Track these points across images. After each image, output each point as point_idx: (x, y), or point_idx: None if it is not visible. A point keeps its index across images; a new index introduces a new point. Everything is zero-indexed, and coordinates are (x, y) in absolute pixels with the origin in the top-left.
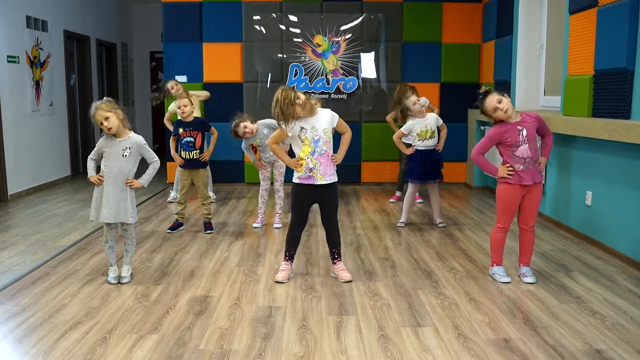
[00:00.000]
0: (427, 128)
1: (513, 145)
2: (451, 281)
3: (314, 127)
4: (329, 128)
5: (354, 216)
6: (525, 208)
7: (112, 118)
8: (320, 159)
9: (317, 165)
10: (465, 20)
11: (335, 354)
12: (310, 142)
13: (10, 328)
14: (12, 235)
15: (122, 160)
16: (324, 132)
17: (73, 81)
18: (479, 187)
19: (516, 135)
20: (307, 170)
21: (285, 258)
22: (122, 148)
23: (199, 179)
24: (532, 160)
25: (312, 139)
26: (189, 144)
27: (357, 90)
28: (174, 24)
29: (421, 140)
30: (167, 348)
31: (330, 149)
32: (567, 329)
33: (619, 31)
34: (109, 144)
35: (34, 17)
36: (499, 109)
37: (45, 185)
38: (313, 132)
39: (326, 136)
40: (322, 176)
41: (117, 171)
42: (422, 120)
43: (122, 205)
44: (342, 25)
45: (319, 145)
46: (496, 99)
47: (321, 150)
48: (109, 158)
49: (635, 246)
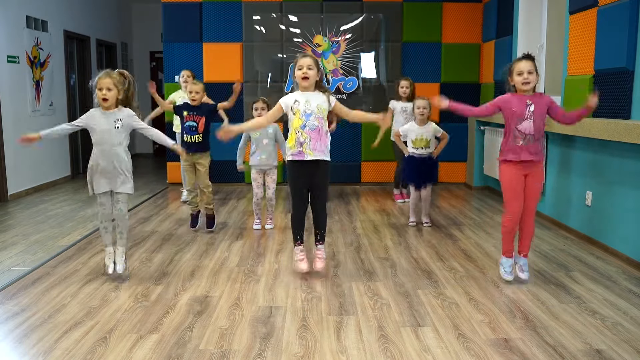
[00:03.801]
0: (422, 137)
1: (517, 117)
2: (451, 281)
3: (308, 101)
4: (324, 106)
5: (354, 216)
6: (525, 188)
7: (113, 92)
8: (310, 134)
9: (307, 140)
10: (465, 20)
11: (335, 354)
12: (302, 115)
13: (10, 328)
14: (12, 235)
15: (113, 132)
16: (317, 107)
17: (73, 81)
18: (479, 187)
19: (523, 107)
20: (297, 145)
21: (297, 243)
22: (113, 120)
23: (201, 164)
24: (533, 138)
25: (304, 111)
26: (191, 128)
27: (357, 90)
28: (174, 24)
29: (415, 147)
30: (167, 348)
31: (324, 126)
32: (567, 329)
33: (619, 31)
34: (97, 116)
35: (34, 17)
36: (523, 74)
37: (45, 185)
38: (306, 105)
39: (319, 112)
40: (311, 151)
41: (108, 146)
42: (419, 128)
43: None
44: (342, 25)
45: (310, 120)
46: (530, 68)
47: (312, 125)
48: (99, 131)
49: (635, 246)
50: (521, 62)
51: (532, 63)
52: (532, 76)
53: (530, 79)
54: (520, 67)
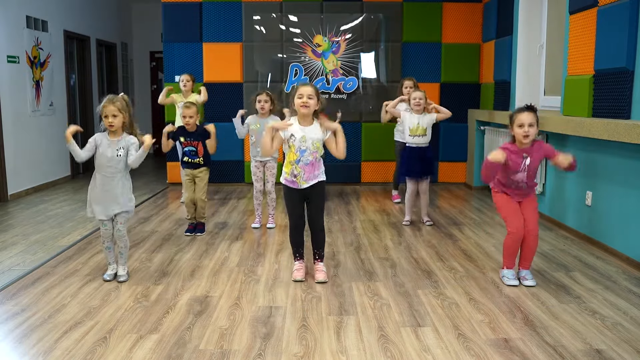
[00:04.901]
0: (419, 125)
1: (512, 170)
2: (451, 281)
3: (304, 137)
4: (319, 141)
5: (354, 216)
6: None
7: (119, 118)
8: (304, 168)
9: (301, 173)
10: (465, 20)
11: (335, 354)
12: (297, 150)
13: (10, 328)
14: (12, 235)
15: (115, 160)
16: (312, 143)
17: (73, 81)
18: (479, 187)
19: (519, 162)
20: (292, 175)
21: (296, 258)
22: (116, 149)
23: (200, 177)
24: (526, 185)
25: (298, 147)
26: (192, 152)
27: (357, 90)
28: (174, 24)
29: (412, 136)
30: (167, 348)
31: (317, 157)
32: (567, 329)
33: (619, 31)
34: (104, 141)
35: (34, 17)
36: (524, 127)
37: (45, 185)
38: (301, 142)
39: (314, 148)
40: (305, 182)
41: (109, 173)
42: (417, 117)
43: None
44: (342, 25)
45: (304, 156)
46: (531, 121)
47: (306, 160)
48: (102, 156)
49: (635, 246)
50: (523, 114)
51: (533, 115)
52: (533, 129)
53: (531, 132)
54: (522, 120)
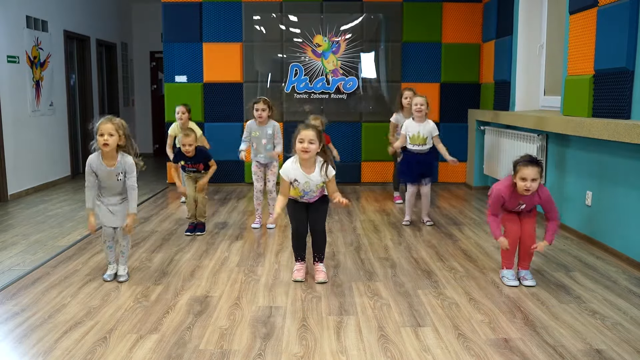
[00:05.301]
0: (419, 134)
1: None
2: (451, 281)
3: (307, 183)
4: (321, 183)
5: (354, 216)
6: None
7: (115, 137)
8: (309, 200)
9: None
10: (465, 20)
11: (335, 354)
12: (301, 190)
13: (10, 328)
14: (12, 235)
15: (115, 184)
16: (315, 186)
17: (73, 81)
18: (479, 187)
19: (514, 205)
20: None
21: (298, 260)
22: (115, 174)
23: (202, 180)
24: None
25: (302, 189)
26: (194, 170)
27: (357, 90)
28: (174, 24)
29: (412, 145)
30: (167, 348)
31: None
32: (567, 329)
33: (619, 31)
34: (101, 168)
35: (34, 17)
36: (526, 181)
37: (45, 185)
38: (305, 186)
39: (317, 188)
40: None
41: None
42: (417, 125)
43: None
44: (342, 25)
45: (308, 194)
46: (535, 175)
47: (311, 197)
48: (103, 180)
49: (635, 246)
50: (527, 168)
51: (537, 170)
52: (535, 183)
53: (532, 186)
54: (525, 174)
